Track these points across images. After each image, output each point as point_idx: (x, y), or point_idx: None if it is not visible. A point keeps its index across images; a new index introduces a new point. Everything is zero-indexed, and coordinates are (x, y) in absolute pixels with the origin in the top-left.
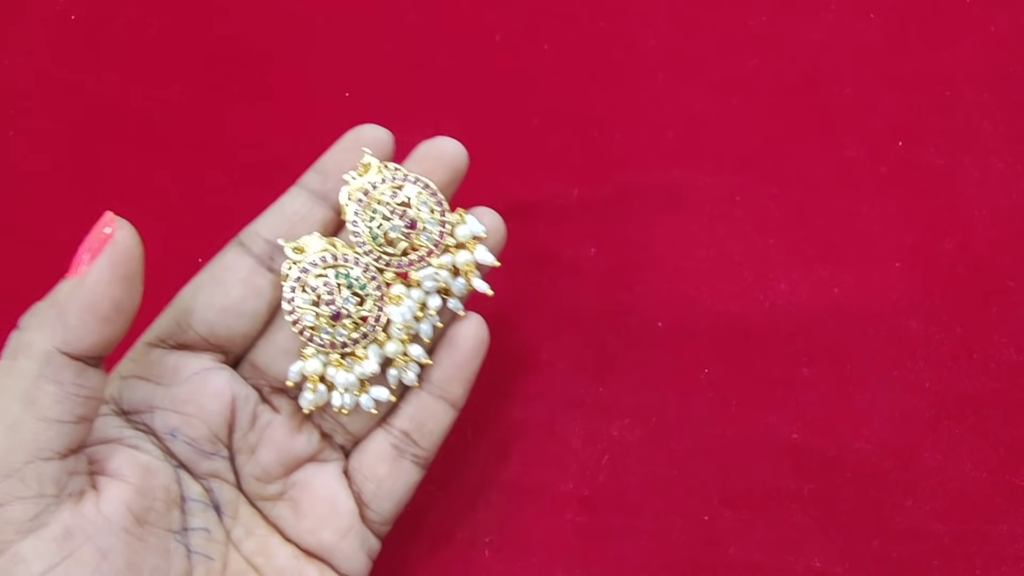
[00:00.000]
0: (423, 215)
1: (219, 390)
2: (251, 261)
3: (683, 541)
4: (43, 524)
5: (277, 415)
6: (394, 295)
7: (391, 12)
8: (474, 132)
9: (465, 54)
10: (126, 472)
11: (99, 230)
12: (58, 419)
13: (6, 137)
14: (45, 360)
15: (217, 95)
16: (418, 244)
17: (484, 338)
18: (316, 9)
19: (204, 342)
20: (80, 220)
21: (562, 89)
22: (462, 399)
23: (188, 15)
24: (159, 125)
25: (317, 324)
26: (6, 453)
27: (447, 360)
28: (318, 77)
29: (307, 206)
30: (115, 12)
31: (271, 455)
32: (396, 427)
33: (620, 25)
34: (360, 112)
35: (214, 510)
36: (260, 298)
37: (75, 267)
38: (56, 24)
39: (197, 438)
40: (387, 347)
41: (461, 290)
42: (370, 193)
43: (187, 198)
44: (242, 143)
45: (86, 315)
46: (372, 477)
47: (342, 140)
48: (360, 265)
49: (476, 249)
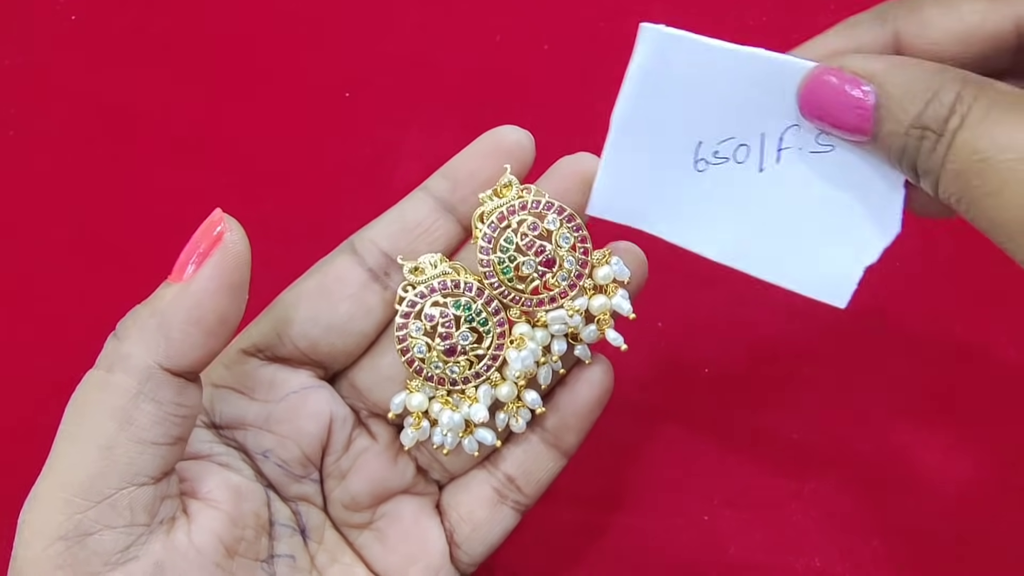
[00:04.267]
0: (562, 252)
1: (318, 411)
2: (363, 274)
3: (683, 541)
4: (133, 557)
5: (373, 443)
6: (516, 335)
7: (391, 12)
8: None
9: (465, 54)
10: (218, 497)
11: (208, 230)
12: (155, 441)
13: (6, 137)
14: (145, 376)
15: (217, 95)
16: (552, 284)
17: (609, 387)
18: (316, 9)
19: (304, 357)
20: (80, 220)
21: (562, 89)
22: (575, 448)
23: (188, 15)
24: (159, 125)
25: (428, 356)
26: (98, 477)
27: (566, 407)
28: (318, 77)
29: (431, 217)
30: (115, 12)
31: (362, 484)
32: (501, 470)
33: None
34: (360, 112)
35: (300, 534)
36: (369, 317)
37: (179, 270)
38: (56, 24)
39: (289, 460)
40: (500, 390)
41: (591, 337)
42: (505, 219)
43: (187, 198)
44: (242, 143)
45: (190, 328)
46: (469, 519)
47: (477, 142)
48: (483, 297)
49: (615, 295)
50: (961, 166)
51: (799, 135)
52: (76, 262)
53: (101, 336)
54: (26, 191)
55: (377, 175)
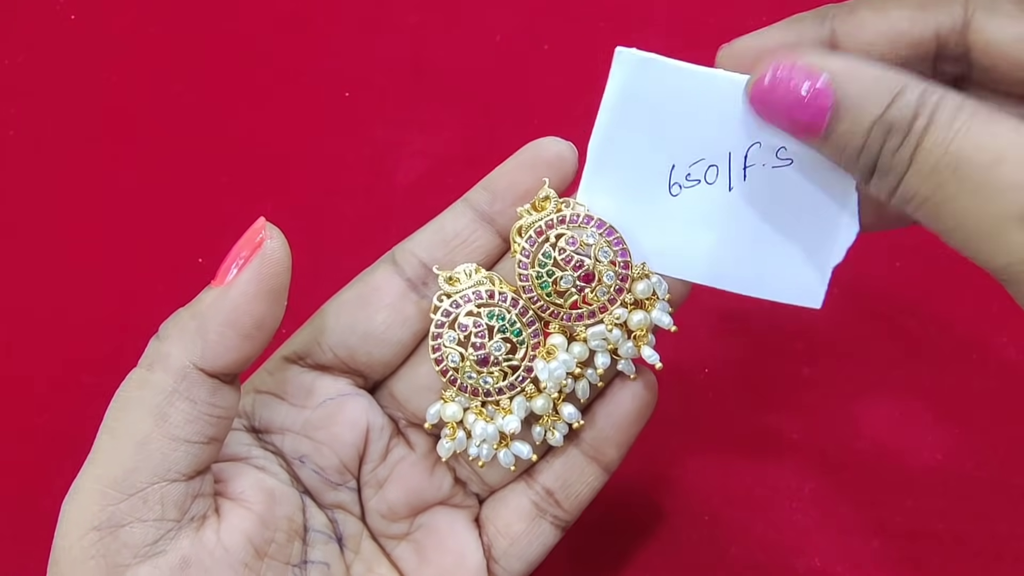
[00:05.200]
0: (601, 267)
1: (354, 419)
2: (401, 284)
3: (683, 541)
4: (161, 551)
5: (411, 452)
6: (549, 345)
7: (391, 12)
8: (474, 132)
9: (465, 54)
10: (250, 497)
11: (251, 237)
12: (188, 439)
13: (6, 137)
14: (181, 375)
15: (217, 95)
16: (591, 299)
17: (650, 401)
18: (316, 9)
19: (343, 365)
20: (80, 220)
21: (562, 89)
22: (616, 463)
23: (188, 15)
24: (159, 125)
25: (461, 366)
26: (132, 471)
27: (605, 420)
28: (318, 77)
29: (470, 228)
30: (115, 12)
31: (399, 494)
32: (539, 483)
33: (620, 25)
34: (360, 112)
35: (336, 542)
36: (406, 327)
37: (222, 275)
38: (56, 24)
39: (326, 467)
40: (535, 402)
41: (629, 353)
42: (544, 233)
43: (187, 198)
44: (242, 143)
45: (227, 330)
46: (506, 533)
47: (519, 154)
48: (517, 307)
49: (654, 309)
50: (933, 166)
51: (761, 152)
52: (76, 262)
53: (104, 333)
54: (26, 191)
55: (377, 175)
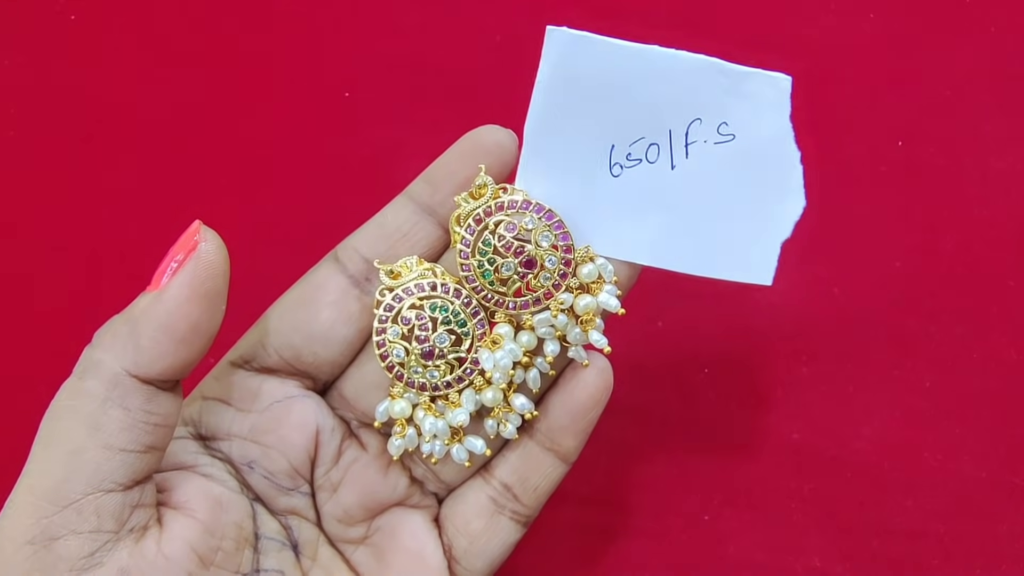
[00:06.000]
0: (542, 252)
1: (303, 421)
2: (344, 281)
3: (683, 541)
4: (98, 563)
5: (364, 453)
6: (495, 335)
7: (391, 12)
8: None
9: (465, 54)
10: (195, 506)
11: (186, 240)
12: (123, 448)
13: (6, 137)
14: (113, 383)
15: (217, 95)
16: (535, 285)
17: (604, 387)
18: (316, 9)
19: (289, 367)
20: (79, 220)
21: None
22: (575, 453)
23: (188, 15)
24: (159, 125)
25: (407, 361)
26: (65, 482)
27: (559, 409)
28: (318, 77)
29: (411, 221)
30: (115, 12)
31: (354, 496)
32: (496, 478)
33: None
34: (360, 112)
35: (291, 549)
36: (351, 324)
37: (156, 279)
38: (56, 24)
39: (276, 472)
40: (485, 394)
41: (577, 339)
42: (483, 221)
43: (187, 198)
44: (242, 143)
45: (160, 335)
46: (465, 532)
47: (457, 144)
48: (461, 298)
49: (601, 292)
50: None
51: (702, 128)
52: (76, 262)
53: None
54: (26, 191)
55: (377, 175)
